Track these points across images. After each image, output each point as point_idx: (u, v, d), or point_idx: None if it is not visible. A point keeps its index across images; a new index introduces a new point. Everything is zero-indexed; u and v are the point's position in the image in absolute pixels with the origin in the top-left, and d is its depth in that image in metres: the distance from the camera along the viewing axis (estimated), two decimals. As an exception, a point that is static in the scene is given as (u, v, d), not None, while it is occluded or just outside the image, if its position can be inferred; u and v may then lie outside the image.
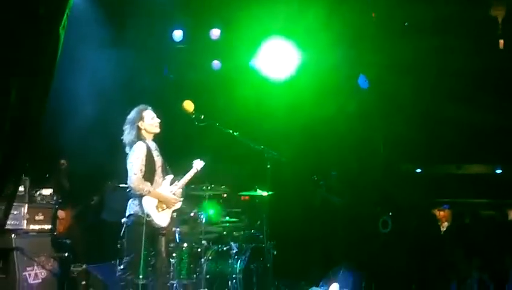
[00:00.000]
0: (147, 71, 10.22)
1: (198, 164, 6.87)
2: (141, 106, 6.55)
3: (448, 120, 11.41)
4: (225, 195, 9.51)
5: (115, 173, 9.49)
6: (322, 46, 9.97)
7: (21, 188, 6.82)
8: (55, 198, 7.94)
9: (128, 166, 6.31)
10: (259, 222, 9.39)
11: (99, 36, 9.03)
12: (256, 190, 8.64)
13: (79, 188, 9.71)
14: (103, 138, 9.86)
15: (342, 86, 10.79)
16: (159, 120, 6.57)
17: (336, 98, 10.62)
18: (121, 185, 8.47)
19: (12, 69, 2.48)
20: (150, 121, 6.52)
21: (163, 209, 6.46)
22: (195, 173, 6.84)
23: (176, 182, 6.74)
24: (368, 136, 11.44)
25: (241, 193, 9.68)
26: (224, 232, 9.30)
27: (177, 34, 10.70)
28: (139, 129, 6.44)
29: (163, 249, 6.65)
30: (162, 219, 6.44)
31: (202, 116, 6.68)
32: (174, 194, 6.65)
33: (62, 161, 9.39)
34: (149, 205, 6.30)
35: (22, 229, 7.21)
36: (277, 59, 10.19)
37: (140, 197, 6.30)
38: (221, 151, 7.01)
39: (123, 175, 8.62)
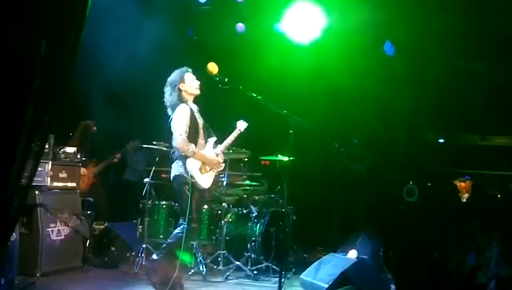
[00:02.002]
0: (172, 32, 10.18)
1: (241, 125, 6.82)
2: (182, 68, 6.53)
3: (473, 89, 11.28)
4: (246, 159, 9.51)
5: (138, 132, 9.57)
6: (349, 10, 9.84)
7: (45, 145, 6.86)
8: (78, 156, 8.02)
9: (173, 128, 6.28)
10: (279, 187, 9.43)
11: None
12: (277, 155, 8.65)
13: (102, 147, 9.78)
14: (127, 98, 9.92)
15: (367, 51, 10.67)
16: (198, 82, 6.55)
17: (361, 63, 10.51)
18: (144, 145, 8.55)
19: (42, 23, 2.47)
20: (191, 83, 6.49)
21: (207, 172, 6.45)
22: (239, 134, 6.79)
23: (219, 144, 6.71)
24: (393, 103, 11.34)
25: (262, 158, 9.68)
26: (245, 196, 9.36)
27: (202, -5, 10.62)
28: (180, 91, 6.41)
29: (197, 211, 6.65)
30: (205, 181, 6.44)
31: (226, 79, 6.63)
32: (217, 156, 6.63)
33: (87, 121, 9.45)
34: (193, 167, 6.27)
35: (45, 185, 7.30)
36: (302, 23, 10.06)
37: (184, 158, 6.28)
38: (243, 114, 6.96)
39: (146, 135, 8.71)
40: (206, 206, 8.37)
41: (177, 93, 6.38)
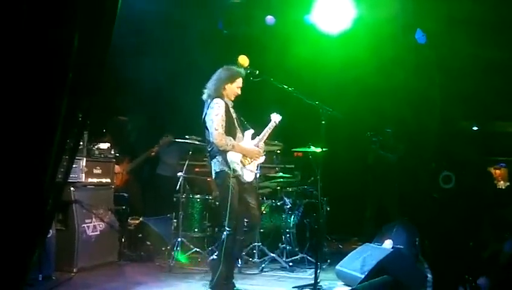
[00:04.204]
0: (202, 25, 10.19)
1: (276, 118, 6.72)
2: (240, 70, 6.50)
3: (506, 75, 11.09)
4: (279, 151, 9.50)
5: (171, 127, 9.61)
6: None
7: (79, 142, 6.92)
8: (112, 152, 8.09)
9: (208, 123, 6.21)
10: (312, 178, 9.40)
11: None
12: (309, 146, 8.62)
13: (135, 143, 9.85)
14: (160, 93, 9.97)
15: (398, 40, 10.56)
16: (240, 90, 6.52)
17: (392, 52, 10.41)
18: (176, 140, 8.60)
19: (74, 16, 2.49)
20: (236, 89, 6.44)
21: (249, 163, 6.38)
22: (274, 127, 6.70)
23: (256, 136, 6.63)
24: (424, 91, 11.21)
25: (294, 149, 9.66)
26: (278, 188, 9.34)
27: (232, -12, 10.62)
28: (223, 89, 6.36)
29: (254, 202, 6.57)
30: (247, 173, 6.36)
31: (257, 72, 6.61)
32: (257, 147, 6.56)
33: (120, 117, 9.52)
34: (234, 160, 6.21)
35: (80, 182, 7.38)
36: (332, 14, 9.99)
37: (224, 153, 6.20)
38: (275, 107, 6.94)
39: (179, 130, 8.75)
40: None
41: (219, 88, 6.32)
